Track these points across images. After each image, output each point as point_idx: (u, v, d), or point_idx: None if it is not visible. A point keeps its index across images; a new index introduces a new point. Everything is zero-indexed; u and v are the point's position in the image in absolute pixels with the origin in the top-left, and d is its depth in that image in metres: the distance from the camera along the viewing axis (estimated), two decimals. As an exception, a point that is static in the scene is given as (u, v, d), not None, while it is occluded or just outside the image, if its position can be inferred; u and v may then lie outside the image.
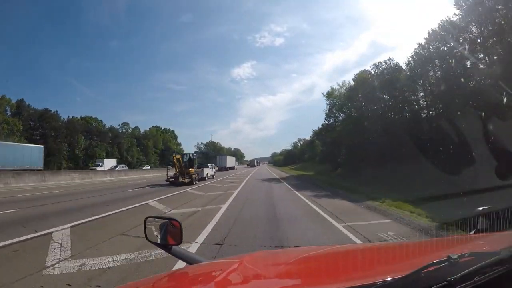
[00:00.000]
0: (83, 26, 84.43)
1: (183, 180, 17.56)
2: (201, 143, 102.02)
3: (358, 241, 4.97)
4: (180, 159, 18.81)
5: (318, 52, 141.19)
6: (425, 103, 20.62)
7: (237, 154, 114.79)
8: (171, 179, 18.15)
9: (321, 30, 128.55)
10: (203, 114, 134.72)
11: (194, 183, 18.34)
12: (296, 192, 13.60)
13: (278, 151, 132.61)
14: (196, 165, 21.76)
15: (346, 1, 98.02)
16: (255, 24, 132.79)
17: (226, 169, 48.92)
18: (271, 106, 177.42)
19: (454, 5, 15.91)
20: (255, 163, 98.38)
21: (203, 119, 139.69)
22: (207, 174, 23.24)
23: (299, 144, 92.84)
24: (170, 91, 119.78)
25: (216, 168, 34.46)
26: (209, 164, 28.06)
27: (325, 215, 7.52)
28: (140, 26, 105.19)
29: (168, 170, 19.61)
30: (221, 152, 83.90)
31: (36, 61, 69.24)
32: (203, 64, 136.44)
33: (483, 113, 11.92)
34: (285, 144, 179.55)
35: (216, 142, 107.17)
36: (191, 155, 21.37)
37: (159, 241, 1.52)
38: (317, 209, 8.64)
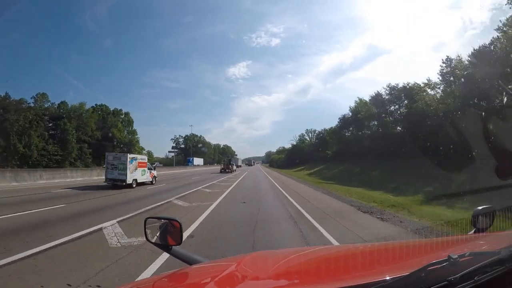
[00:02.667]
0: (77, 22, 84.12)
1: (227, 170, 41.07)
2: (180, 135, 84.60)
3: None
4: (225, 160, 47.15)
5: (314, 54, 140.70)
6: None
7: (227, 152, 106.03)
8: (222, 170, 41.58)
9: (318, 32, 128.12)
10: (197, 112, 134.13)
11: (231, 172, 40.53)
12: None
13: (273, 150, 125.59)
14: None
15: (343, 3, 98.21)
16: (252, 24, 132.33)
17: (237, 166, 68.97)
18: (266, 106, 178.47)
19: None
20: (252, 163, 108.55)
21: (196, 117, 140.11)
22: (234, 168, 46.64)
23: (308, 139, 72.72)
24: (164, 88, 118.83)
25: None
26: (233, 163, 49.63)
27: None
28: (136, 23, 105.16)
29: (220, 165, 47.33)
30: (206, 146, 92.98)
31: (31, 53, 67.81)
32: (198, 62, 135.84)
33: (483, 113, 11.87)
34: (279, 143, 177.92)
35: (199, 135, 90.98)
36: (231, 158, 52.96)
37: (159, 242, 1.52)
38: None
